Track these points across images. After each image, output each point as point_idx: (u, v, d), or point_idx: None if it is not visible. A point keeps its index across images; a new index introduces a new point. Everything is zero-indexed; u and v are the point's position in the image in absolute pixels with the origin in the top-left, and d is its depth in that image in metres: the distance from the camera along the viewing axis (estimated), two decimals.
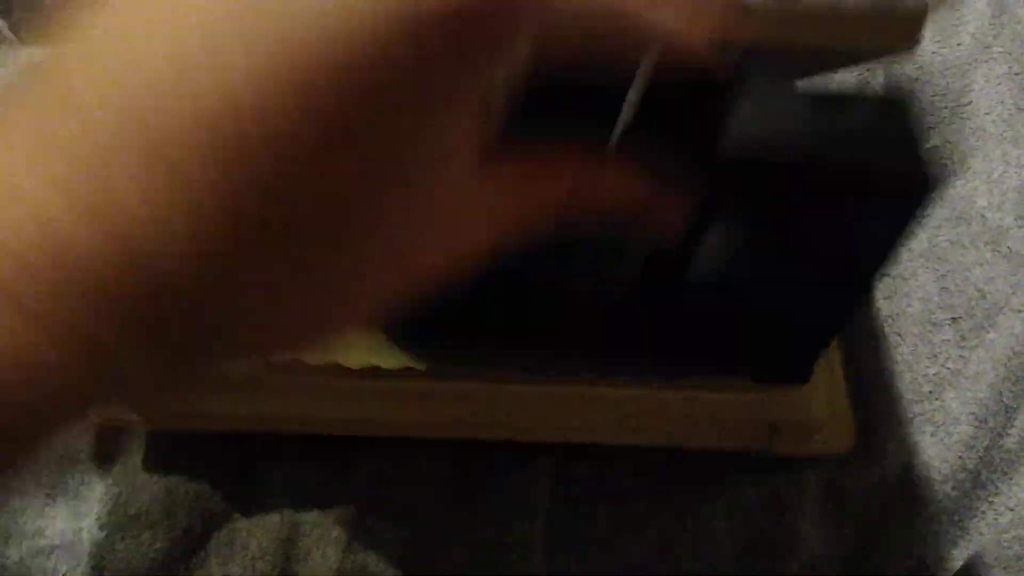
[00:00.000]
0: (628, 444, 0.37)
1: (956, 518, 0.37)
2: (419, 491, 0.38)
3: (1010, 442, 0.38)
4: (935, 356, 0.40)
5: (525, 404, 0.36)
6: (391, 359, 0.33)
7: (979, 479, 0.38)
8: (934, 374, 0.40)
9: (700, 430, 0.37)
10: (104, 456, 0.38)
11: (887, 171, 0.25)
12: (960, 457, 0.38)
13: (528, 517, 0.37)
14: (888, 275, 0.42)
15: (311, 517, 0.37)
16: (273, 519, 0.37)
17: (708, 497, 0.38)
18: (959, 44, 0.49)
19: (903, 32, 0.28)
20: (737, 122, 0.25)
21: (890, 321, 0.41)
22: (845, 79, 0.46)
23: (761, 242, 0.30)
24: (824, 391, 0.34)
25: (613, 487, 0.38)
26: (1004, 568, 0.36)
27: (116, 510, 0.37)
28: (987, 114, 0.47)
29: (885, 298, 0.42)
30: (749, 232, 0.30)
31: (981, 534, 0.37)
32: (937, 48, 0.49)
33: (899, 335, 0.41)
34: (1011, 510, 0.37)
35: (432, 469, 0.38)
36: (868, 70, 0.47)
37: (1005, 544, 0.36)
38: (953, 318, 0.41)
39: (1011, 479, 0.38)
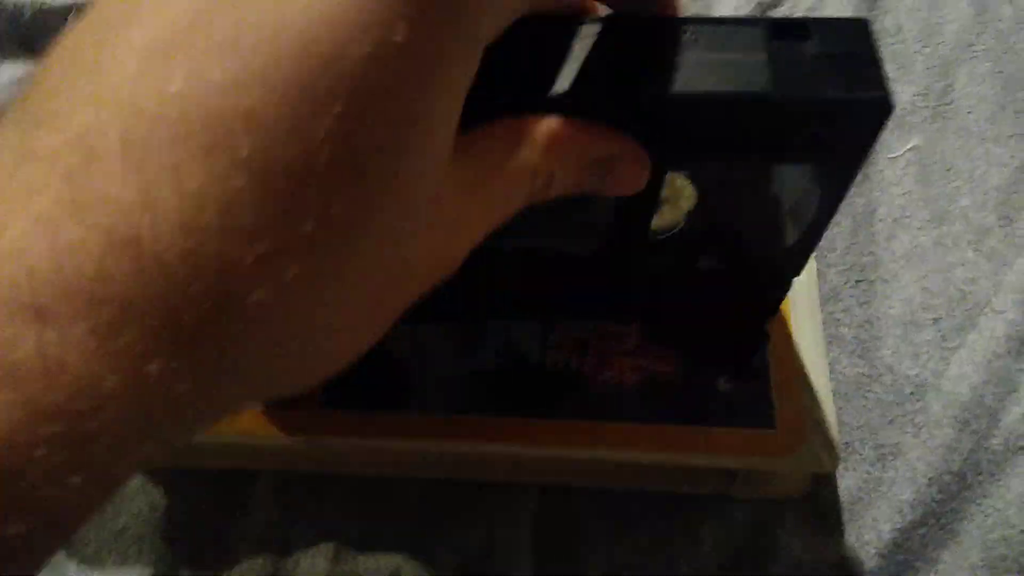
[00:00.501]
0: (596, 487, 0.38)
1: (943, 521, 0.37)
2: (408, 498, 0.38)
3: (995, 444, 0.38)
4: (916, 357, 0.40)
5: (498, 460, 0.37)
6: None
7: (965, 481, 0.37)
8: (915, 376, 0.40)
9: (664, 478, 0.37)
10: None
11: (846, 99, 0.24)
12: (944, 460, 0.38)
13: (515, 524, 0.37)
14: (866, 280, 0.42)
15: (299, 528, 0.37)
16: (261, 531, 0.37)
17: (696, 505, 0.37)
18: (941, 42, 0.49)
19: None
20: (681, 56, 0.24)
21: (868, 326, 0.41)
22: None
23: (715, 186, 0.31)
24: (787, 441, 0.34)
25: (600, 503, 0.38)
26: (991, 569, 0.36)
27: (102, 526, 0.37)
28: (969, 113, 0.47)
29: (861, 304, 0.41)
30: (702, 174, 0.30)
31: (969, 536, 0.37)
32: (919, 47, 0.49)
33: (879, 338, 0.41)
34: (998, 511, 0.37)
35: (419, 485, 0.38)
36: None
37: (991, 545, 0.36)
38: (935, 319, 0.41)
39: (998, 480, 0.37)
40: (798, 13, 0.50)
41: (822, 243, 0.42)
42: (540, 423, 0.34)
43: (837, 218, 0.43)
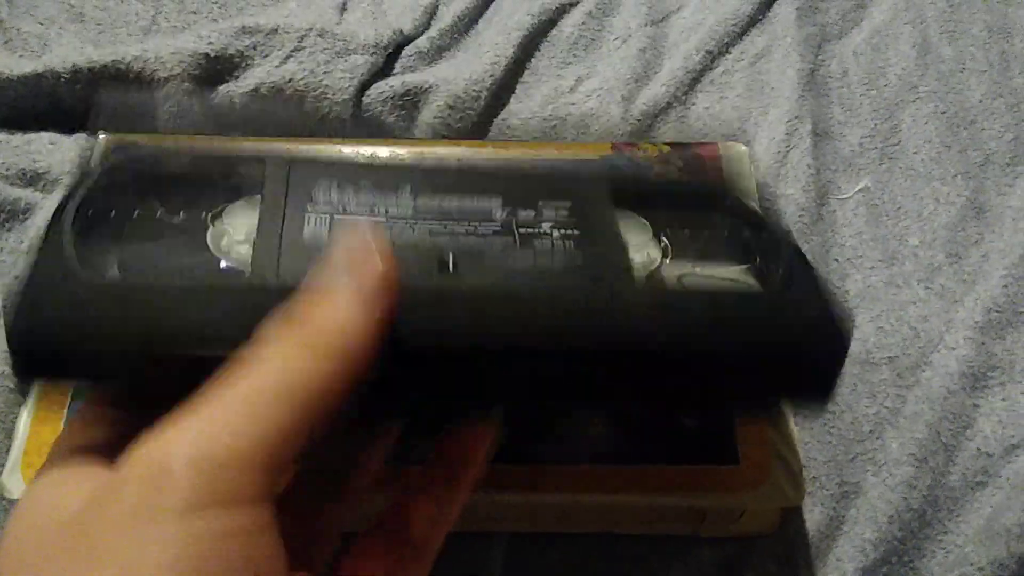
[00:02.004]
0: (563, 532, 0.38)
1: (906, 559, 0.37)
2: None
3: (953, 480, 0.39)
4: (874, 396, 0.41)
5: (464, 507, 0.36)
6: None
7: (924, 519, 0.38)
8: (874, 414, 0.40)
9: (632, 519, 0.37)
10: None
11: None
12: (904, 498, 0.38)
13: (487, 548, 0.37)
14: None
15: None
16: None
17: (664, 555, 0.38)
18: (886, 85, 0.50)
19: None
20: None
21: None
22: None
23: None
24: (752, 476, 0.34)
25: (568, 548, 0.38)
26: None
27: None
28: (915, 153, 0.48)
29: None
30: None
31: (931, 574, 0.37)
32: (865, 90, 0.50)
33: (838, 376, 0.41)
34: (958, 547, 0.37)
35: None
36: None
37: None
38: (890, 357, 0.42)
39: (957, 516, 0.38)
40: (738, 69, 0.51)
41: None
42: (505, 468, 0.34)
43: None
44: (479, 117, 0.48)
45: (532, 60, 0.51)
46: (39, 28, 0.50)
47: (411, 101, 0.48)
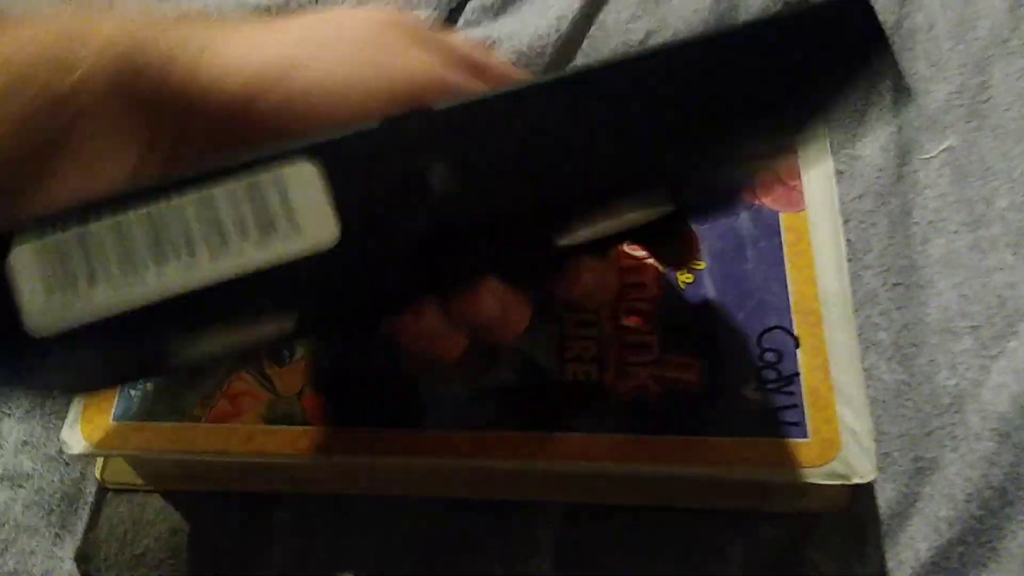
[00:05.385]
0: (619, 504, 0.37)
1: (983, 539, 0.35)
2: (428, 525, 0.37)
3: None
4: (954, 367, 0.39)
5: (516, 476, 0.36)
6: None
7: (1005, 497, 0.36)
8: (953, 386, 0.38)
9: (691, 493, 0.36)
10: (110, 497, 0.38)
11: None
12: (983, 474, 0.36)
13: (536, 543, 0.36)
14: (903, 283, 0.41)
15: (319, 555, 0.37)
16: (280, 557, 0.37)
17: (723, 528, 0.36)
18: (975, 38, 0.47)
19: None
20: None
21: (905, 331, 0.39)
22: None
23: None
24: (821, 451, 0.33)
25: (624, 521, 0.37)
26: None
27: (122, 550, 0.37)
28: (1006, 111, 0.45)
29: (899, 308, 0.40)
30: None
31: (1010, 554, 0.35)
32: (952, 44, 0.47)
33: (915, 345, 0.39)
34: None
35: (441, 503, 0.37)
36: None
37: None
38: (973, 327, 0.39)
39: None
40: None
41: (857, 244, 0.41)
42: (561, 438, 0.34)
43: (873, 218, 0.42)
44: (545, 73, 0.47)
45: (600, 14, 0.49)
46: None
47: None
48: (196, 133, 0.25)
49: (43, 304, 0.20)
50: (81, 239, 0.20)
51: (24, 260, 0.20)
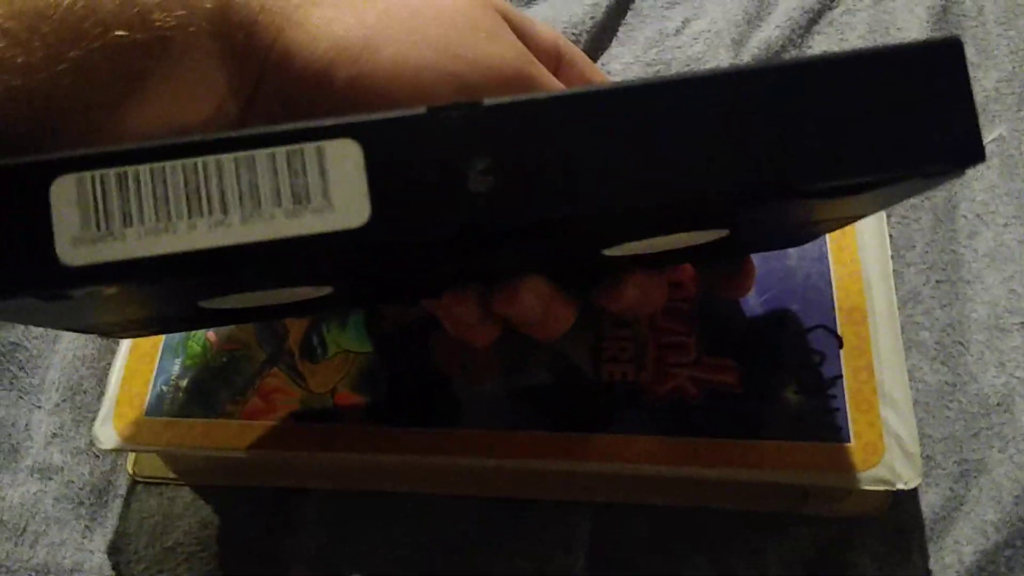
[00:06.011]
0: (654, 504, 0.36)
1: None
2: (459, 522, 0.37)
3: None
4: (1003, 365, 0.37)
5: (550, 477, 0.35)
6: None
7: None
8: (1002, 384, 0.37)
9: (729, 495, 0.35)
10: (140, 490, 0.38)
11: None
12: None
13: (570, 543, 0.36)
14: (948, 280, 0.39)
15: (348, 549, 0.36)
16: (310, 551, 0.36)
17: (760, 531, 0.35)
18: None
19: None
20: None
21: (950, 330, 0.38)
22: None
23: None
24: (863, 456, 0.32)
25: (658, 521, 0.36)
26: None
27: (152, 543, 0.37)
28: None
29: (943, 306, 0.39)
30: None
31: None
32: (1002, 30, 0.45)
33: (962, 344, 0.38)
34: None
35: (472, 500, 0.37)
36: None
37: None
38: (1022, 323, 0.38)
39: None
40: (861, 8, 0.47)
41: (899, 240, 0.40)
42: (597, 438, 0.33)
43: (916, 213, 0.41)
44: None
45: (636, 0, 0.48)
46: None
47: None
48: (272, 93, 0.25)
49: (77, 234, 0.21)
50: (121, 179, 0.21)
51: (66, 190, 0.21)
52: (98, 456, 0.38)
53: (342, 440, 0.34)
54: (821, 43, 0.46)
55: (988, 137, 0.43)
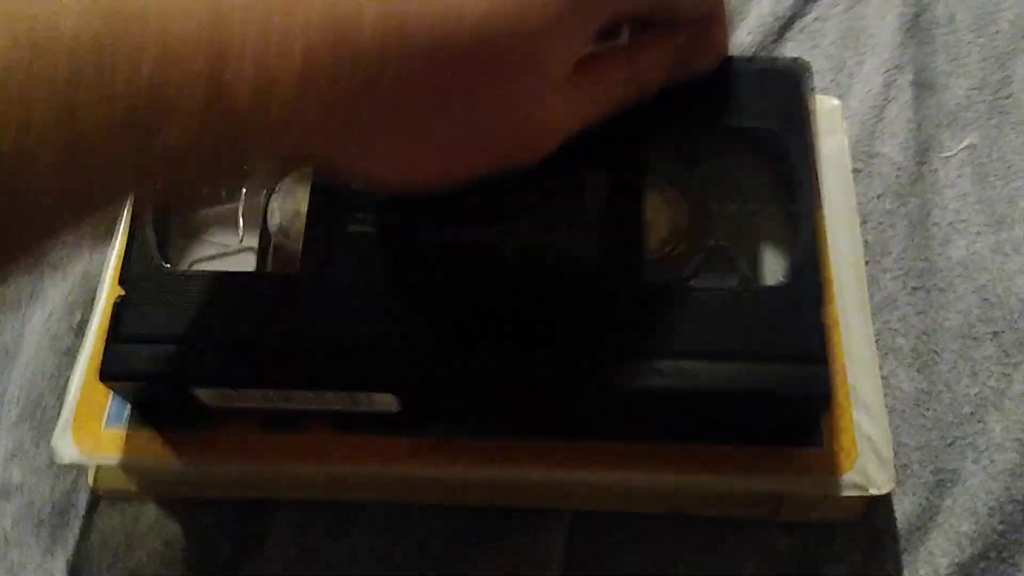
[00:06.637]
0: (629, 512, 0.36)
1: (1006, 554, 0.34)
2: (433, 533, 0.36)
3: None
4: (976, 374, 0.37)
5: (522, 485, 0.35)
6: None
7: None
8: (975, 394, 0.37)
9: (703, 502, 0.35)
10: (102, 507, 0.37)
11: None
12: (1007, 487, 0.35)
13: (543, 554, 0.35)
14: (923, 287, 0.39)
15: (322, 564, 0.36)
16: (279, 569, 0.36)
17: (736, 539, 0.35)
18: (997, 32, 0.45)
19: None
20: None
21: (925, 337, 0.38)
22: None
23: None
24: (836, 461, 0.32)
25: (632, 529, 0.36)
26: None
27: (115, 564, 0.36)
28: None
29: (919, 313, 0.39)
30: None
31: None
32: (973, 37, 0.45)
33: (936, 352, 0.38)
34: None
35: (445, 510, 0.36)
36: None
37: None
38: (995, 332, 0.38)
39: None
40: (832, 15, 0.47)
41: (875, 246, 0.40)
42: (568, 445, 0.33)
43: (891, 219, 0.41)
44: None
45: None
46: None
47: None
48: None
49: None
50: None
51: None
52: (58, 475, 0.37)
53: (312, 450, 0.33)
54: (793, 49, 0.46)
55: (959, 146, 0.43)
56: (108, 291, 0.36)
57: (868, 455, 0.32)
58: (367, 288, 0.31)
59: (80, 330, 0.39)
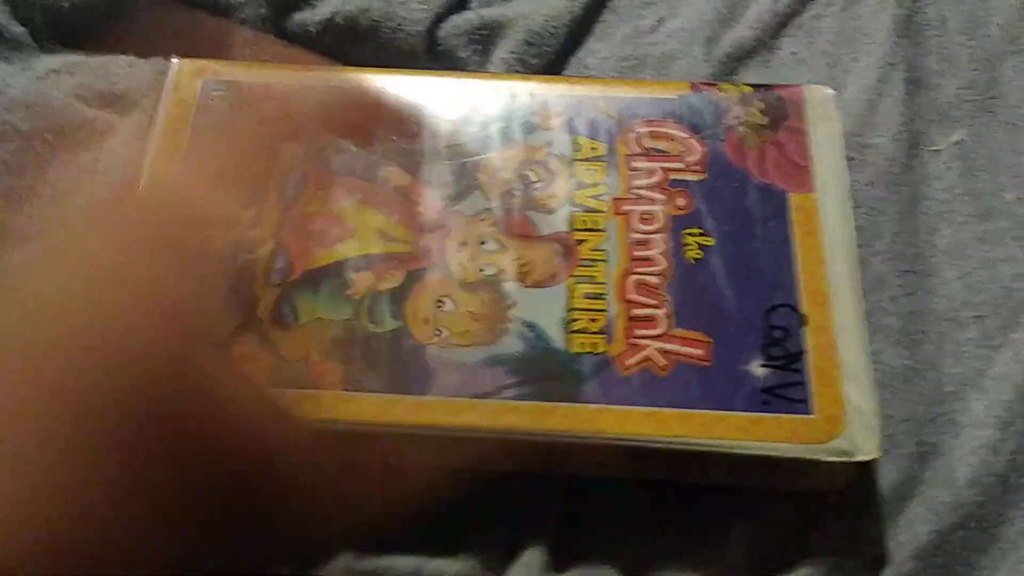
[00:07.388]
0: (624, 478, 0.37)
1: (984, 524, 0.35)
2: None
3: None
4: (959, 355, 0.39)
5: (520, 447, 0.35)
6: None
7: (1007, 483, 0.36)
8: (957, 374, 0.38)
9: (695, 467, 0.36)
10: None
11: None
12: (985, 461, 0.36)
13: (539, 518, 0.36)
14: (912, 271, 0.40)
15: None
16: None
17: (727, 506, 0.36)
18: (986, 35, 0.47)
19: None
20: None
21: (913, 318, 0.39)
22: None
23: None
24: (825, 427, 0.33)
25: (626, 495, 0.37)
26: None
27: None
28: (1016, 107, 0.45)
29: (908, 294, 0.40)
30: None
31: (1009, 541, 0.35)
32: (964, 39, 0.47)
33: (922, 331, 0.39)
34: None
35: (443, 472, 0.37)
36: None
37: None
38: (977, 316, 0.39)
39: None
40: (829, 14, 0.48)
41: (868, 230, 0.41)
42: (565, 408, 0.34)
43: (883, 206, 0.42)
44: (555, 55, 0.47)
45: None
46: None
47: (486, 36, 0.47)
48: None
49: None
50: None
51: None
52: None
53: (315, 408, 0.34)
54: (790, 45, 0.47)
55: (949, 141, 0.44)
56: None
57: (856, 423, 0.33)
58: None
59: None
